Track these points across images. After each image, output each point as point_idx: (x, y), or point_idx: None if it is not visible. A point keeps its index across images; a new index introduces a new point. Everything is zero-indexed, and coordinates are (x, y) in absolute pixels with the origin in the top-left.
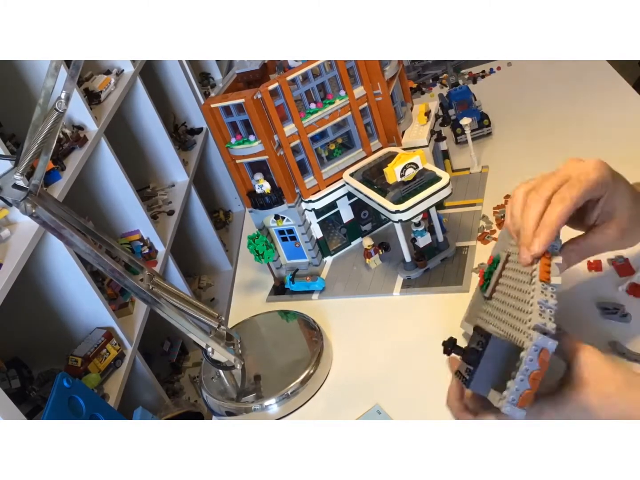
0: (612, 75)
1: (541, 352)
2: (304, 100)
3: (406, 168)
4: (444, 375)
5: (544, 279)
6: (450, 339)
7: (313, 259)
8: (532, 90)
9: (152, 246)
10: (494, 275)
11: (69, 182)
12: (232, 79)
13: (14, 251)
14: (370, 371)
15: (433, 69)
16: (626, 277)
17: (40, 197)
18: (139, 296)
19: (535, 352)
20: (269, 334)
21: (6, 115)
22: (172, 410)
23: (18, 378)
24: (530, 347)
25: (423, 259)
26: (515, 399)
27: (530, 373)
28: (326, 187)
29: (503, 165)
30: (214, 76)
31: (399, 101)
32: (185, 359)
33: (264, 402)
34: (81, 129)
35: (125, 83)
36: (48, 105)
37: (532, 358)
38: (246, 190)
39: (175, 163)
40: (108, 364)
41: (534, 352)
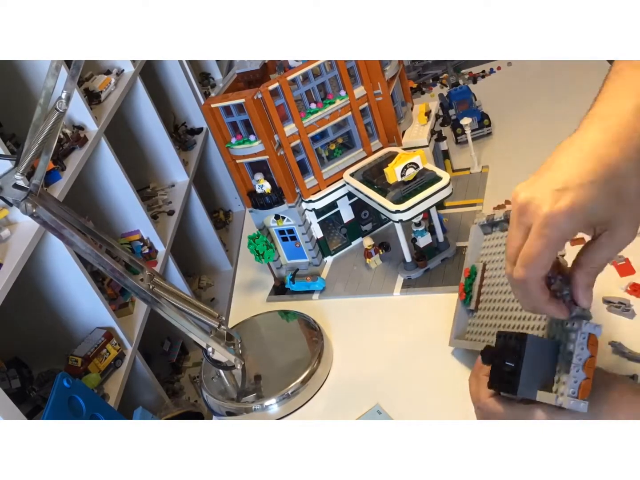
0: None
1: (589, 338)
2: (305, 100)
3: (406, 168)
4: (444, 375)
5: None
6: (488, 347)
7: (313, 259)
8: (532, 90)
9: (152, 246)
10: (475, 286)
11: (69, 182)
12: (232, 79)
13: (14, 251)
14: (370, 371)
15: (433, 69)
16: (626, 276)
17: (41, 197)
18: (139, 296)
19: (584, 339)
20: (269, 334)
21: (6, 115)
22: (172, 410)
23: (18, 378)
24: (579, 335)
25: (423, 259)
26: (575, 391)
27: (585, 361)
28: (326, 187)
29: (503, 165)
30: (214, 76)
31: (399, 101)
32: (185, 359)
33: (265, 402)
34: (81, 129)
35: (125, 83)
36: (48, 105)
37: (582, 346)
38: (246, 190)
39: (175, 163)
40: (108, 364)
41: (582, 340)
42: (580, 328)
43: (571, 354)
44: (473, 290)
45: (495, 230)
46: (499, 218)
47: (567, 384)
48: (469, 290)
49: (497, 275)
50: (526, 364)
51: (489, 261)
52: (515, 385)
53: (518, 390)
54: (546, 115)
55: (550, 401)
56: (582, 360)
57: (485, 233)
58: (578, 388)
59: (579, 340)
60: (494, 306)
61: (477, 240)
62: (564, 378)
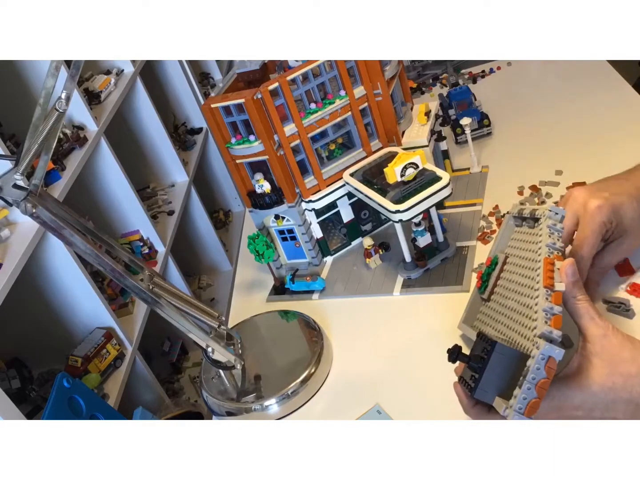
0: (613, 75)
1: (548, 360)
2: (304, 100)
3: (406, 168)
4: (445, 376)
5: (548, 285)
6: (456, 347)
7: (313, 259)
8: (532, 90)
9: (152, 246)
10: (492, 277)
11: (69, 182)
12: (232, 79)
13: (14, 251)
14: (370, 371)
15: (433, 69)
16: (626, 276)
17: (41, 197)
18: (139, 296)
19: (543, 360)
20: (269, 334)
21: (6, 115)
22: (172, 410)
23: (18, 378)
24: (537, 355)
25: (423, 258)
26: (522, 407)
27: (538, 381)
28: (326, 187)
29: (503, 165)
30: (214, 76)
31: (399, 101)
32: (185, 359)
33: (264, 402)
34: (81, 129)
35: (125, 83)
36: (48, 105)
37: (539, 367)
38: (246, 190)
39: (175, 163)
40: (108, 364)
41: (540, 361)
42: (541, 348)
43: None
44: (490, 280)
45: (524, 225)
46: (526, 214)
47: (517, 398)
48: (486, 279)
49: (514, 271)
50: (489, 369)
51: (511, 254)
52: (474, 387)
53: (475, 392)
54: (546, 115)
55: (499, 410)
56: (535, 380)
57: (517, 225)
58: (526, 405)
59: (537, 359)
60: (503, 302)
61: (508, 230)
62: (517, 392)
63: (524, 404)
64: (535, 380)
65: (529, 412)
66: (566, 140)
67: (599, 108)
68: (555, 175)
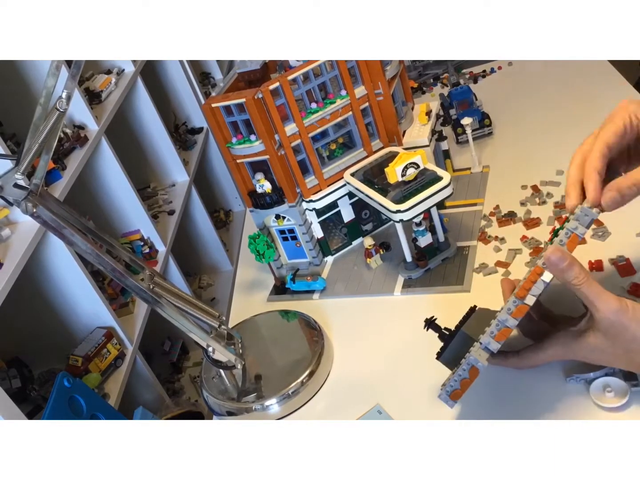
0: (613, 75)
1: (471, 367)
2: (305, 99)
3: (407, 168)
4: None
5: (519, 296)
6: (432, 317)
7: (314, 259)
8: (533, 90)
9: (153, 246)
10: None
11: (69, 182)
12: (233, 79)
13: (14, 251)
14: (371, 371)
15: (434, 69)
16: (627, 277)
17: (41, 196)
18: (140, 296)
19: (468, 365)
20: (269, 333)
21: (7, 115)
22: (172, 410)
23: (18, 378)
24: (469, 357)
25: (424, 258)
26: (449, 391)
27: (462, 379)
28: (327, 187)
29: (504, 165)
30: (215, 76)
31: (400, 101)
32: (185, 358)
33: (265, 402)
34: (82, 128)
35: (126, 83)
36: (49, 105)
37: (465, 369)
38: (247, 189)
39: (175, 163)
40: (108, 363)
41: (467, 366)
42: (469, 356)
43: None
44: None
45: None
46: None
47: (448, 383)
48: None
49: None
50: (450, 346)
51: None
52: (440, 354)
53: (440, 358)
54: (546, 114)
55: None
56: (460, 377)
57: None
58: (452, 391)
59: (467, 361)
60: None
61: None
62: (447, 380)
63: (450, 389)
64: (461, 377)
65: (453, 397)
66: (567, 140)
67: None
68: (557, 175)
